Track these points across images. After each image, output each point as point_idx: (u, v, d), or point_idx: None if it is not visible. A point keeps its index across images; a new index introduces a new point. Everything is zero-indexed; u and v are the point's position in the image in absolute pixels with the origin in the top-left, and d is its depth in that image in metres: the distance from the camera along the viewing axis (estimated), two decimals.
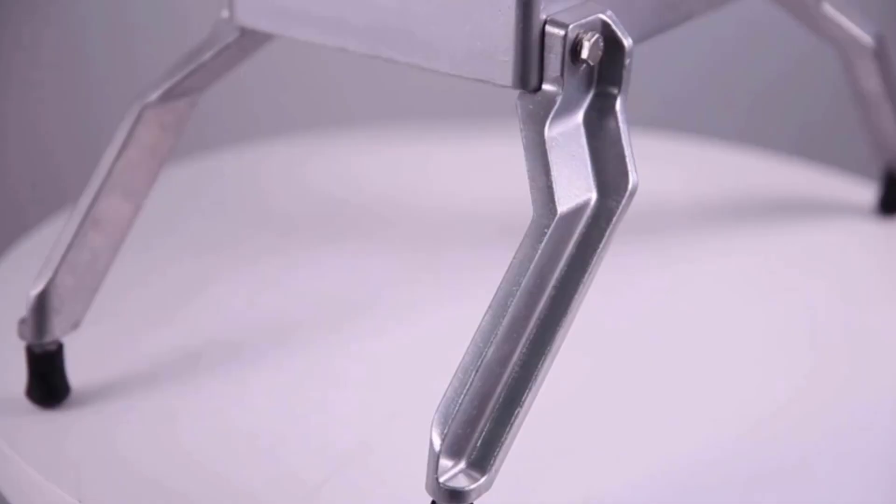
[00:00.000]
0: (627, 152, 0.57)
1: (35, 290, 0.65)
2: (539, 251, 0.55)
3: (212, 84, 0.67)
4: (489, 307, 0.55)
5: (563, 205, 0.56)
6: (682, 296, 0.78)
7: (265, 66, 0.99)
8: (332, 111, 1.36)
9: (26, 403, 0.67)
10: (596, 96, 0.58)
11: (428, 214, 0.87)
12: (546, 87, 0.57)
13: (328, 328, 0.74)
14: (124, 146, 0.66)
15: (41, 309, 0.65)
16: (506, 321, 0.55)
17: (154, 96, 0.66)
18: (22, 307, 0.65)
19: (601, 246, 0.56)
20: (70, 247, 0.65)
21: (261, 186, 0.92)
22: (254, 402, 0.68)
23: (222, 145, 1.03)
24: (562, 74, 0.56)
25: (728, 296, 0.79)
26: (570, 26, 0.56)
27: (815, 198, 0.90)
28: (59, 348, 0.66)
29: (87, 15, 1.32)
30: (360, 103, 1.36)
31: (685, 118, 1.37)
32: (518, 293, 0.55)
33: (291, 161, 0.96)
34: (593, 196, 0.57)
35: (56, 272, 0.65)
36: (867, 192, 0.90)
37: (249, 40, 0.65)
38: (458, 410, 0.54)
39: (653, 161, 0.89)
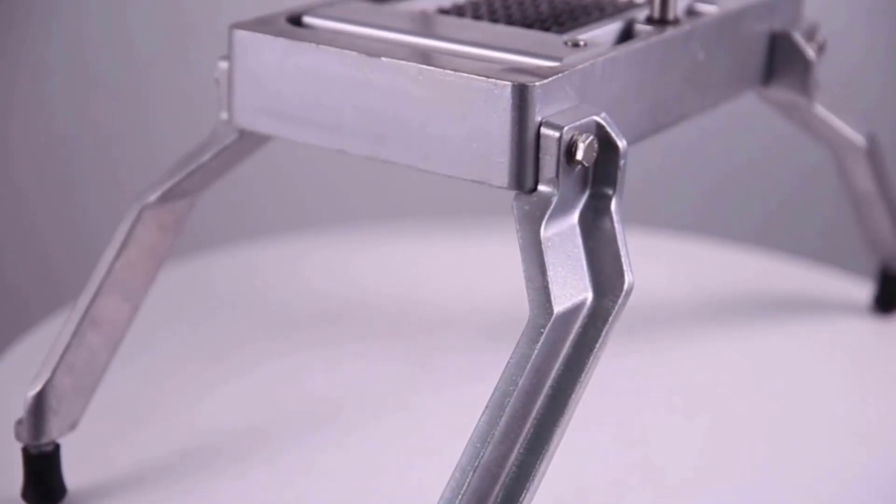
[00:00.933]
0: (623, 252, 0.58)
1: (32, 391, 0.65)
2: (536, 351, 0.56)
3: (211, 184, 0.68)
4: (486, 407, 0.55)
5: (560, 304, 0.56)
6: (677, 392, 0.78)
7: (258, 164, 1.00)
8: (326, 209, 1.36)
9: None
10: (591, 197, 0.58)
11: (425, 312, 0.87)
12: (542, 187, 0.57)
13: (323, 427, 0.74)
14: (123, 246, 0.66)
15: (38, 410, 0.65)
16: (503, 421, 0.55)
17: (153, 197, 0.66)
18: (19, 407, 0.65)
19: (598, 345, 0.56)
20: (68, 347, 0.65)
21: (255, 285, 0.92)
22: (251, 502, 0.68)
23: (217, 244, 1.03)
24: (557, 175, 0.57)
25: (722, 391, 0.79)
26: (566, 128, 0.57)
27: (810, 295, 0.90)
28: (56, 449, 0.66)
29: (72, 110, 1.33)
30: (355, 201, 1.37)
31: (683, 217, 1.38)
32: (515, 393, 0.55)
33: (286, 259, 0.96)
34: (589, 296, 0.57)
35: (54, 372, 0.65)
36: (863, 291, 0.90)
37: (248, 142, 0.66)
38: None
39: (650, 259, 0.90)
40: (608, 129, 0.58)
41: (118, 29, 1.32)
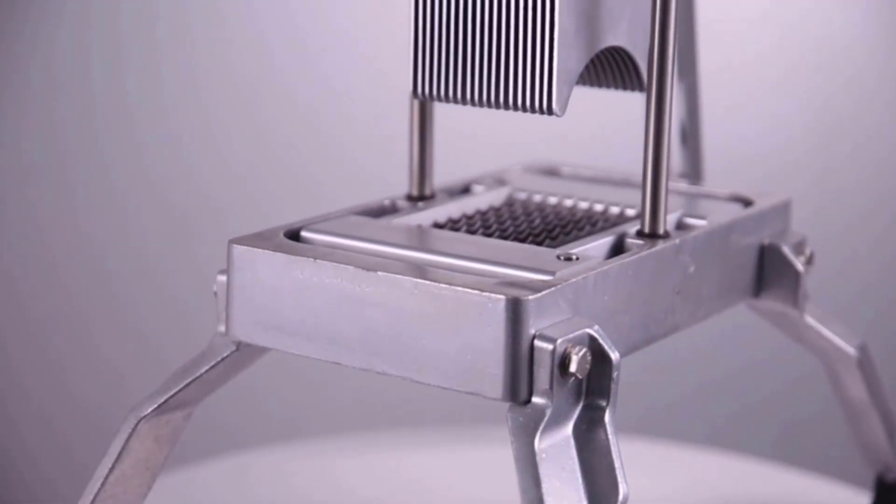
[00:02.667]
0: (617, 463, 0.58)
1: None
2: None
3: (207, 396, 0.68)
4: None
5: None
6: None
7: (251, 373, 1.00)
8: (318, 418, 1.36)
9: None
10: (585, 408, 0.59)
11: None
12: (536, 399, 0.58)
13: None
14: (119, 459, 0.66)
15: None
16: None
17: (149, 409, 0.66)
18: None
19: None
20: None
21: (248, 496, 0.91)
22: None
23: (209, 453, 1.03)
24: (551, 387, 0.57)
25: None
26: (559, 341, 0.57)
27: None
28: None
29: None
30: (347, 409, 1.37)
31: (677, 424, 1.38)
32: None
33: (278, 469, 0.96)
34: None
35: None
36: (861, 501, 0.90)
37: (245, 354, 0.67)
38: None
39: (645, 468, 0.89)
40: (601, 341, 0.58)
41: (120, 234, 1.34)
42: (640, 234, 0.67)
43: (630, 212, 0.73)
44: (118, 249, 1.34)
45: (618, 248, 0.67)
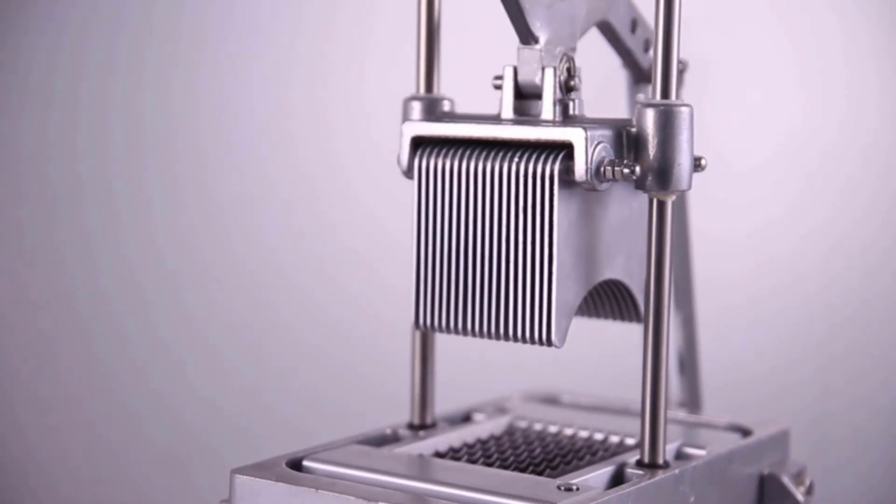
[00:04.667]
0: None
1: None
2: None
3: None
4: None
5: None
6: None
7: None
8: None
9: None
10: None
11: None
12: None
13: None
14: None
15: None
16: None
17: None
18: None
19: None
20: None
21: None
22: None
23: None
24: None
25: None
26: None
27: None
28: None
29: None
30: None
31: None
32: None
33: None
34: None
35: None
36: None
37: None
38: None
39: None
40: None
41: (117, 475, 1.33)
42: (639, 463, 0.68)
43: (630, 441, 0.73)
44: (118, 484, 1.34)
45: (618, 478, 0.68)
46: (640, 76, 0.81)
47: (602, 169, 0.64)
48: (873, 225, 1.20)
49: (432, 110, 0.72)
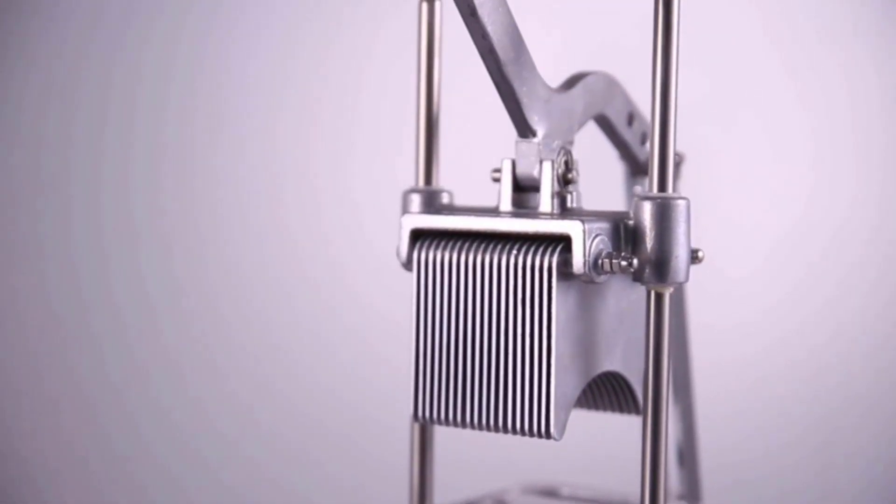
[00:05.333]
0: None
1: None
2: None
3: None
4: None
5: None
6: None
7: None
8: None
9: None
10: None
11: None
12: None
13: None
14: None
15: None
16: None
17: None
18: None
19: None
20: None
21: None
22: None
23: None
24: None
25: None
26: None
27: None
28: None
29: None
30: None
31: None
32: None
33: None
34: None
35: None
36: None
37: None
38: None
39: None
40: None
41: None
42: None
43: None
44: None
45: None
46: (637, 168, 0.82)
47: (600, 261, 0.65)
48: (873, 312, 1.20)
49: (431, 203, 0.73)
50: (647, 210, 0.65)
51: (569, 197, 0.70)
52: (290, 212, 1.31)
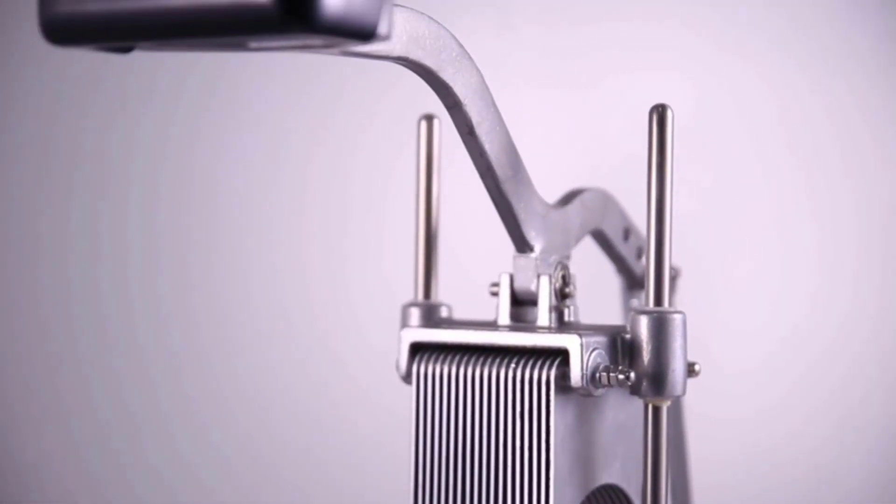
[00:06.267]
0: None
1: None
2: None
3: None
4: None
5: None
6: None
7: None
8: None
9: None
10: None
11: None
12: None
13: None
14: None
15: None
16: None
17: None
18: None
19: None
20: None
21: None
22: None
23: None
24: None
25: None
26: None
27: None
28: None
29: None
30: None
31: None
32: None
33: None
34: None
35: None
36: None
37: None
38: None
39: None
40: None
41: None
42: None
43: None
44: None
45: None
46: (633, 282, 0.83)
47: (597, 375, 0.65)
48: (868, 416, 1.20)
49: (430, 317, 0.74)
50: (643, 324, 0.66)
51: (566, 311, 0.71)
52: (289, 328, 1.31)
